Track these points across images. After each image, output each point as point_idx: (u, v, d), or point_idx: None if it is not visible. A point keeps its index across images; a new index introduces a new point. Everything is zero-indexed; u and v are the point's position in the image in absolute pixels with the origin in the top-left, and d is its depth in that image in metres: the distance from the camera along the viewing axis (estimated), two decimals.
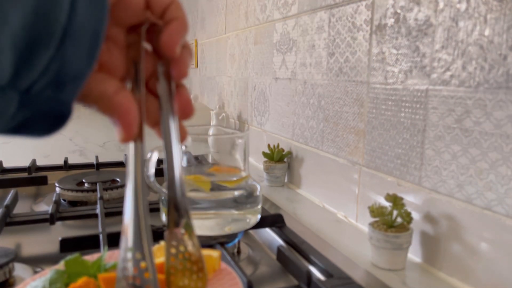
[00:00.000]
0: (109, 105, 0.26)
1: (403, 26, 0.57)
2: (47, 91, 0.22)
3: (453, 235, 0.50)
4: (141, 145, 0.28)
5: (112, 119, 0.27)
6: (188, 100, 0.30)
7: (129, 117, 0.26)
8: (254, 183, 0.56)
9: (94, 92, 0.26)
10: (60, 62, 0.22)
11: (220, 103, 1.46)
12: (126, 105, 0.26)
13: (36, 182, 0.87)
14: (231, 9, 1.30)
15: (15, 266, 0.50)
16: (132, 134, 0.27)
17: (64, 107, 0.23)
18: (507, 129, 0.43)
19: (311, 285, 0.44)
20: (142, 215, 0.27)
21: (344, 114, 0.71)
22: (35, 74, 0.21)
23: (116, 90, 0.26)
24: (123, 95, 0.26)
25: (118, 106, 0.26)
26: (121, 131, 0.27)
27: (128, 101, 0.27)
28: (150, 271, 0.27)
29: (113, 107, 0.26)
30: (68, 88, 0.23)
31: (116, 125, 0.27)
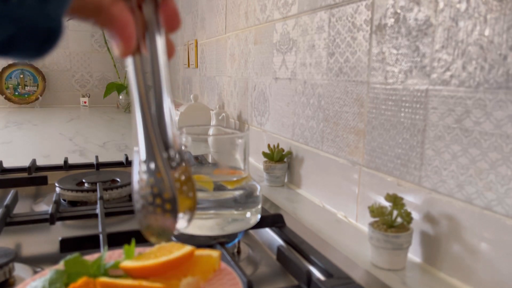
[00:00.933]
0: (107, 18, 0.25)
1: (403, 26, 0.57)
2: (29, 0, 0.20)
3: (453, 235, 0.50)
4: (141, 57, 0.28)
5: (110, 32, 0.26)
6: (174, 11, 0.29)
7: (127, 29, 0.26)
8: (254, 183, 0.56)
9: (90, 5, 0.25)
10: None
11: (220, 103, 1.46)
12: (124, 17, 0.26)
13: (36, 182, 0.87)
14: (231, 9, 1.30)
15: (15, 266, 0.50)
16: (132, 46, 0.27)
17: (52, 22, 0.22)
18: (507, 129, 0.43)
19: (311, 285, 0.44)
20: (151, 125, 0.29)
21: (344, 114, 0.71)
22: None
23: (112, 1, 0.25)
24: (119, 7, 0.26)
25: (116, 19, 0.25)
26: (120, 44, 0.26)
27: (125, 13, 0.26)
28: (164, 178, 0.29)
29: (111, 20, 0.25)
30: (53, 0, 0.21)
31: (115, 38, 0.26)
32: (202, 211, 0.52)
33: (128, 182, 0.82)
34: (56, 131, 1.63)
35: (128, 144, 1.37)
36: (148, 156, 0.29)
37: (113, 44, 0.27)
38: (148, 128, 0.29)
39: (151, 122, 0.29)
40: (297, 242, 0.56)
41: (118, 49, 0.26)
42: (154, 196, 0.30)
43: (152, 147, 0.29)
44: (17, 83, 2.60)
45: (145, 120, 0.29)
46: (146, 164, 0.29)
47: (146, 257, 0.36)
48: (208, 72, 1.64)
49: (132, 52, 0.27)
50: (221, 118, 1.28)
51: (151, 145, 0.29)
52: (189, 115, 1.43)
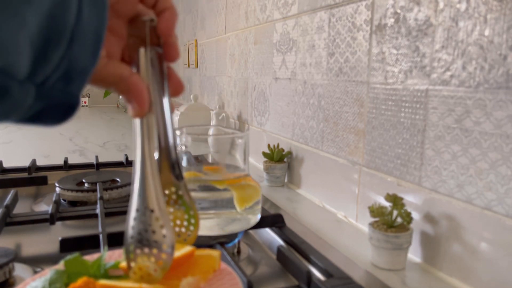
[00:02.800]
0: (126, 86, 0.31)
1: (403, 26, 0.57)
2: (58, 84, 0.25)
3: (453, 235, 0.50)
4: (151, 117, 0.33)
5: (127, 98, 0.32)
6: (178, 80, 0.36)
7: (143, 96, 0.32)
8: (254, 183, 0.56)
9: (112, 76, 0.31)
10: (69, 59, 0.25)
11: (220, 103, 1.46)
12: (140, 86, 0.31)
13: (36, 182, 0.87)
14: (231, 9, 1.30)
15: (15, 266, 0.50)
16: (146, 109, 0.32)
17: (73, 99, 0.27)
18: (507, 129, 0.43)
19: (311, 285, 0.44)
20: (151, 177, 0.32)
21: (344, 114, 0.71)
22: (48, 70, 0.24)
23: (130, 73, 0.31)
24: (136, 77, 0.32)
25: (134, 87, 0.31)
26: (136, 107, 0.32)
27: (140, 82, 0.32)
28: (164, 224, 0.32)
29: (130, 88, 0.31)
30: (76, 81, 0.26)
31: (131, 103, 0.32)
32: (202, 211, 0.52)
33: (128, 182, 0.82)
34: (56, 131, 1.63)
35: (128, 144, 1.37)
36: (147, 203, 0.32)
37: (129, 107, 0.32)
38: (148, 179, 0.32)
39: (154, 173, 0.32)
40: (297, 242, 0.56)
41: (134, 111, 0.32)
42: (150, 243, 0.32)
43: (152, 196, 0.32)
44: None
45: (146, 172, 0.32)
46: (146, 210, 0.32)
47: None
48: (208, 72, 1.64)
49: (145, 113, 0.32)
50: (221, 118, 1.28)
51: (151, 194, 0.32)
52: (189, 115, 1.43)
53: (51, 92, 0.25)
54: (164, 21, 0.33)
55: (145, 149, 0.32)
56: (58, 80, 0.25)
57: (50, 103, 0.26)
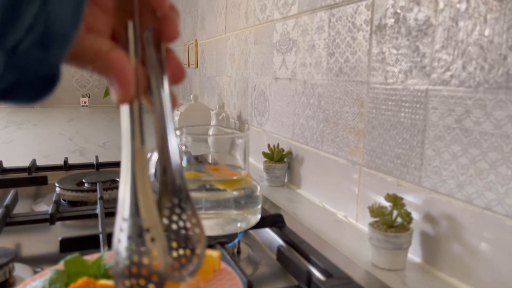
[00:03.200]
0: (105, 63, 0.26)
1: (403, 26, 0.57)
2: (33, 51, 0.21)
3: (453, 235, 0.50)
4: (138, 107, 0.27)
5: (108, 79, 0.26)
6: (179, 64, 0.30)
7: (125, 74, 0.26)
8: (254, 183, 0.56)
9: (88, 51, 0.25)
10: (45, 20, 0.21)
11: (220, 103, 1.46)
12: (122, 62, 0.26)
13: (36, 182, 0.87)
14: (231, 9, 1.30)
15: (15, 266, 0.50)
16: (130, 93, 0.26)
17: (52, 69, 0.23)
18: (507, 129, 0.43)
19: (311, 285, 0.44)
20: (141, 179, 0.26)
21: (344, 114, 0.71)
22: (20, 32, 0.21)
23: (110, 47, 0.26)
24: (117, 52, 0.26)
25: (114, 63, 0.26)
26: (118, 90, 0.26)
27: (123, 58, 0.26)
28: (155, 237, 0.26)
29: (109, 65, 0.26)
30: (55, 48, 0.22)
31: (113, 84, 0.26)
32: (202, 211, 0.52)
33: None
34: (56, 131, 1.63)
35: None
36: (135, 211, 0.26)
37: (111, 91, 0.26)
38: (138, 182, 0.26)
39: (141, 176, 0.26)
40: (297, 242, 0.56)
41: (116, 95, 0.26)
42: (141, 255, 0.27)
43: (141, 202, 0.26)
44: None
45: (136, 172, 0.26)
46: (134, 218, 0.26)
47: None
48: (208, 72, 1.64)
49: (130, 99, 0.26)
50: (221, 118, 1.28)
51: (140, 200, 0.26)
52: (189, 115, 1.43)
53: (25, 60, 0.21)
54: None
55: (136, 144, 0.26)
56: (33, 45, 0.21)
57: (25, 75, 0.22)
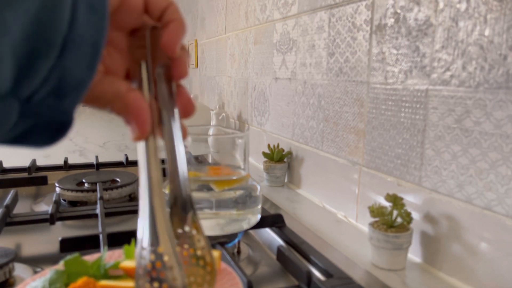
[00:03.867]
0: (123, 104, 0.27)
1: (403, 26, 0.57)
2: (48, 100, 0.22)
3: (453, 235, 0.50)
4: (155, 141, 0.28)
5: (125, 119, 0.27)
6: (188, 99, 0.31)
7: (143, 115, 0.27)
8: (254, 183, 0.56)
9: (107, 94, 0.26)
10: (60, 72, 0.22)
11: (220, 103, 1.46)
12: (139, 103, 0.27)
13: (36, 182, 0.87)
14: (231, 9, 1.30)
15: (15, 266, 0.50)
16: (147, 131, 0.27)
17: (65, 116, 0.24)
18: (507, 129, 0.43)
19: (311, 285, 0.44)
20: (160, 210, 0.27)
21: (344, 114, 0.71)
22: (35, 83, 0.21)
23: (128, 89, 0.27)
24: (135, 94, 0.27)
25: (132, 105, 0.27)
26: (135, 129, 0.27)
27: (140, 99, 0.27)
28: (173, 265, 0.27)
29: (127, 106, 0.27)
30: (69, 97, 0.23)
31: (130, 124, 0.27)
32: (202, 211, 0.52)
33: (128, 182, 0.82)
34: None
35: (128, 144, 1.37)
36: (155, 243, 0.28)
37: (129, 129, 0.28)
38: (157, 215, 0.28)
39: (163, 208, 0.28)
40: (297, 242, 0.56)
41: (134, 134, 0.27)
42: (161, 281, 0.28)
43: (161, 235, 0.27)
44: None
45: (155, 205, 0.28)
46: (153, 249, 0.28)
47: None
48: (208, 72, 1.64)
49: (146, 137, 0.28)
50: (221, 118, 1.28)
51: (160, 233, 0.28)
52: None
53: (40, 109, 0.22)
54: (167, 34, 0.28)
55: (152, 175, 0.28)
56: (48, 95, 0.22)
57: (39, 122, 0.23)
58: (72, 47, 0.22)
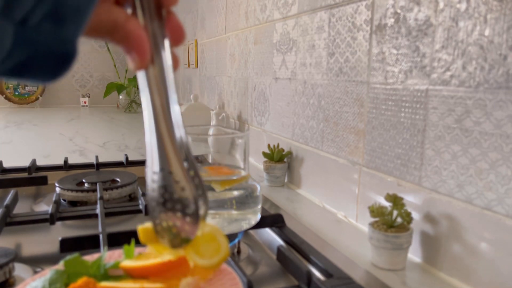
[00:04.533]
0: (123, 33, 0.26)
1: (403, 26, 0.57)
2: (45, 26, 0.20)
3: (453, 235, 0.50)
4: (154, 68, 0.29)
5: (126, 49, 0.27)
6: (179, 25, 0.30)
7: (143, 44, 0.27)
8: (254, 183, 0.56)
9: (106, 24, 0.26)
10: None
11: (220, 103, 1.46)
12: (140, 33, 0.27)
13: (36, 182, 0.87)
14: (231, 9, 1.30)
15: (15, 266, 0.50)
16: (147, 60, 0.27)
17: (66, 46, 0.22)
18: (507, 129, 0.43)
19: (311, 285, 0.44)
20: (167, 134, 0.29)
21: (344, 114, 0.71)
22: (29, 2, 0.19)
23: (126, 18, 0.26)
24: (133, 23, 0.27)
25: (132, 34, 0.26)
26: (136, 58, 0.27)
27: (140, 28, 0.27)
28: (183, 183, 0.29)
29: (127, 36, 0.26)
30: (69, 23, 0.21)
31: (130, 53, 0.27)
32: None
33: (128, 182, 0.82)
34: (56, 131, 1.63)
35: (128, 144, 1.37)
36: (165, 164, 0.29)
37: (128, 59, 0.28)
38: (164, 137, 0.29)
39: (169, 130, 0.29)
40: (297, 242, 0.56)
41: (134, 63, 0.27)
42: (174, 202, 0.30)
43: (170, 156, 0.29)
44: (17, 83, 2.60)
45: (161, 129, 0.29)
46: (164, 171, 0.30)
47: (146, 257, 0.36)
48: (208, 72, 1.64)
49: (147, 66, 0.28)
50: (221, 118, 1.28)
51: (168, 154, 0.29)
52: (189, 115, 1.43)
53: (37, 35, 0.20)
54: None
55: (156, 103, 0.29)
56: (45, 18, 0.20)
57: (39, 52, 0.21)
58: None
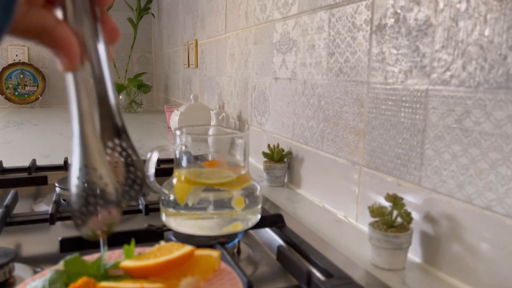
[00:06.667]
0: (51, 38, 0.27)
1: (403, 26, 0.57)
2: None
3: (453, 235, 0.50)
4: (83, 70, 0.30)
5: (54, 52, 0.28)
6: (113, 25, 0.32)
7: (71, 49, 0.28)
8: (254, 183, 0.56)
9: (34, 27, 0.27)
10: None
11: (220, 103, 1.45)
12: (67, 37, 0.28)
13: (36, 182, 0.87)
14: (231, 9, 1.30)
15: (15, 266, 0.50)
16: (76, 62, 0.29)
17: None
18: (507, 129, 0.43)
19: (311, 285, 0.44)
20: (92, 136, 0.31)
21: (344, 114, 0.71)
22: None
23: (55, 23, 0.27)
24: (62, 27, 0.28)
25: (60, 39, 0.27)
26: (65, 62, 0.28)
27: (68, 32, 0.28)
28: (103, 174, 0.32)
29: (55, 40, 0.27)
30: None
31: (59, 56, 0.28)
32: (202, 211, 0.52)
33: None
34: (56, 131, 1.63)
35: None
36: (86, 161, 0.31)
37: (57, 61, 0.29)
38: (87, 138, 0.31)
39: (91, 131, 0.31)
40: (297, 242, 0.56)
41: (63, 66, 0.28)
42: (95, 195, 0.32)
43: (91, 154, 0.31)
44: (17, 83, 2.60)
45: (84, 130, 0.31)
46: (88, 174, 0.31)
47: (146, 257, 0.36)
48: (208, 72, 1.64)
49: (75, 68, 0.29)
50: (221, 118, 1.28)
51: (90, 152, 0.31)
52: (189, 115, 1.43)
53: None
54: None
55: (82, 103, 0.30)
56: None
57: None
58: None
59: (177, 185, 0.53)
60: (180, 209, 0.52)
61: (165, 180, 0.55)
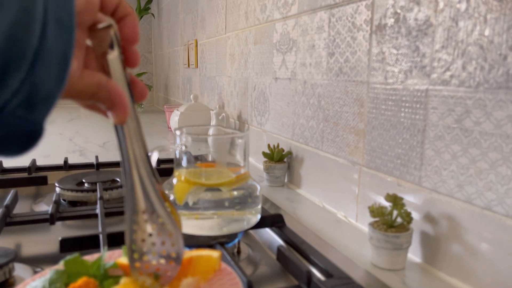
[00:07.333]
0: (107, 93, 0.30)
1: (403, 26, 0.57)
2: (19, 111, 0.23)
3: (453, 235, 0.50)
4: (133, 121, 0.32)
5: (108, 106, 0.30)
6: (142, 84, 0.34)
7: (124, 101, 0.30)
8: (254, 183, 0.56)
9: (90, 87, 0.29)
10: (31, 84, 0.23)
11: (220, 103, 1.45)
12: (119, 91, 0.30)
13: (36, 182, 0.87)
14: (231, 9, 1.30)
15: (15, 266, 0.50)
16: (128, 114, 0.31)
17: (35, 127, 0.25)
18: (507, 129, 0.43)
19: (311, 285, 0.44)
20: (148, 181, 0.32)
21: (344, 114, 0.71)
22: (6, 95, 0.22)
23: (107, 79, 0.30)
24: (113, 82, 0.30)
25: (114, 92, 0.30)
26: (119, 114, 0.31)
27: (119, 87, 0.31)
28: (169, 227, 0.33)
29: (110, 93, 0.30)
30: (39, 108, 0.24)
31: (113, 110, 0.31)
32: (202, 211, 0.52)
33: None
34: (56, 131, 1.63)
35: None
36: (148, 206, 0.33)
37: (110, 115, 0.31)
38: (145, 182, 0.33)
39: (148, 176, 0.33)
40: (297, 242, 0.56)
41: (118, 118, 0.31)
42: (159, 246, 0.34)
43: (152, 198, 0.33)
44: None
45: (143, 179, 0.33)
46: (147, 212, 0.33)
47: None
48: (208, 72, 1.64)
49: (127, 118, 0.31)
50: (221, 118, 1.28)
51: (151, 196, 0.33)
52: (189, 115, 1.43)
53: (10, 119, 0.23)
54: (129, 27, 0.32)
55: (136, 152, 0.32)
56: (19, 106, 0.23)
57: (10, 132, 0.24)
58: (42, 60, 0.23)
59: (177, 185, 0.53)
60: (180, 209, 0.52)
61: (165, 180, 0.55)
